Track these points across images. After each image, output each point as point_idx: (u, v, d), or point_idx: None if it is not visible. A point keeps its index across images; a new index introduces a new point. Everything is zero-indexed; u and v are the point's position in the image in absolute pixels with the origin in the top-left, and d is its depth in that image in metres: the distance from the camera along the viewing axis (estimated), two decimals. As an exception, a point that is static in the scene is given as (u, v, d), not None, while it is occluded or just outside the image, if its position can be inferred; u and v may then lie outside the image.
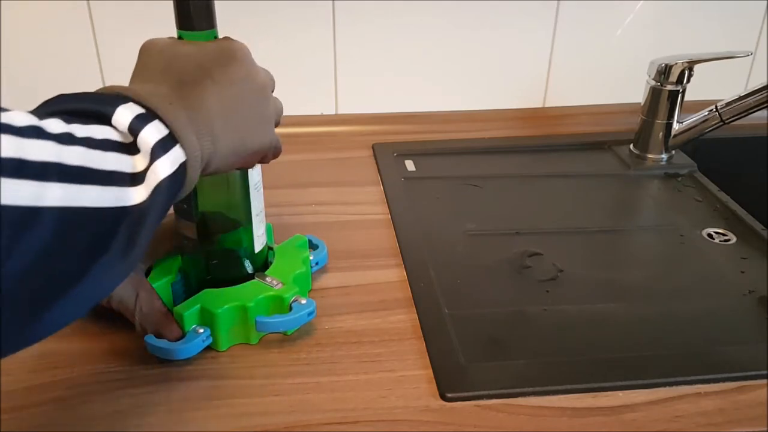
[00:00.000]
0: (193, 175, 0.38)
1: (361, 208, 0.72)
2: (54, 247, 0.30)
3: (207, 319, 0.50)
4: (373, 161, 0.82)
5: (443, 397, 0.47)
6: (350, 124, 0.88)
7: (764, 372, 0.49)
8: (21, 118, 0.30)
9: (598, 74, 0.90)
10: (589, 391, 0.48)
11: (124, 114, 0.35)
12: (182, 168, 0.37)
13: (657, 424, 0.45)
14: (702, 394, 0.48)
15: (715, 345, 0.53)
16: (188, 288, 0.53)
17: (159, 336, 0.49)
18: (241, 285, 0.52)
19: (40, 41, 0.82)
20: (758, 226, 0.69)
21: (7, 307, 0.29)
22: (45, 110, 0.35)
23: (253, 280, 0.53)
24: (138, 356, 0.50)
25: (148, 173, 0.35)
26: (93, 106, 0.35)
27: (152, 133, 0.35)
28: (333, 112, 0.89)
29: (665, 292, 0.60)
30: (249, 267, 0.53)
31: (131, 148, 0.35)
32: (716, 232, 0.68)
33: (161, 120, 0.36)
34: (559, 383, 0.48)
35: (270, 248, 0.57)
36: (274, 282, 0.53)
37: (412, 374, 0.49)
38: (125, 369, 0.49)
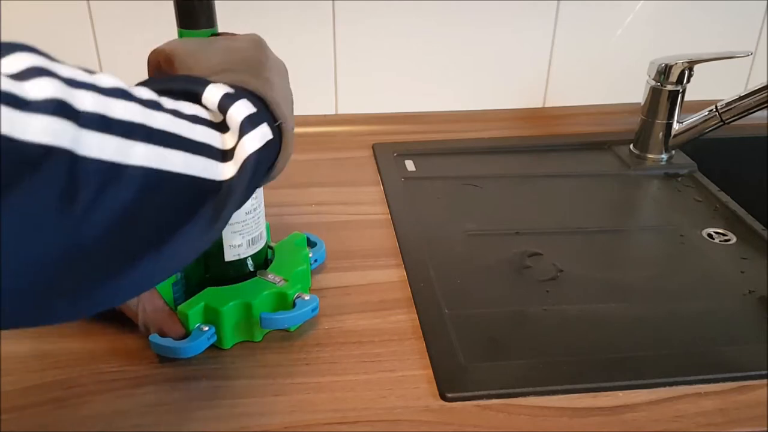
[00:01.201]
0: (289, 150, 0.38)
1: (361, 208, 0.72)
2: (138, 207, 0.29)
3: (211, 316, 0.50)
4: (373, 161, 0.82)
5: (443, 397, 0.47)
6: (350, 124, 0.88)
7: (764, 372, 0.49)
8: (108, 80, 0.30)
9: (598, 74, 0.90)
10: (589, 391, 0.48)
11: (214, 92, 0.35)
12: (270, 145, 0.37)
13: (657, 424, 0.45)
14: (702, 394, 0.48)
15: (715, 345, 0.53)
16: (188, 287, 0.53)
17: (163, 335, 0.49)
18: (244, 283, 0.52)
19: (40, 41, 0.81)
20: (758, 226, 0.69)
21: (89, 263, 0.28)
22: None
23: (254, 278, 0.53)
24: (138, 356, 0.50)
25: (237, 149, 0.35)
26: (183, 86, 0.35)
27: (240, 109, 0.35)
28: (333, 112, 0.89)
29: (665, 292, 0.60)
30: (250, 265, 0.54)
31: (221, 127, 0.35)
32: (716, 232, 0.68)
33: (249, 99, 0.36)
34: (559, 383, 0.48)
35: (269, 247, 0.57)
36: (276, 279, 0.53)
37: (412, 374, 0.49)
38: (125, 369, 0.49)
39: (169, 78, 0.36)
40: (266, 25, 0.82)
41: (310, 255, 0.58)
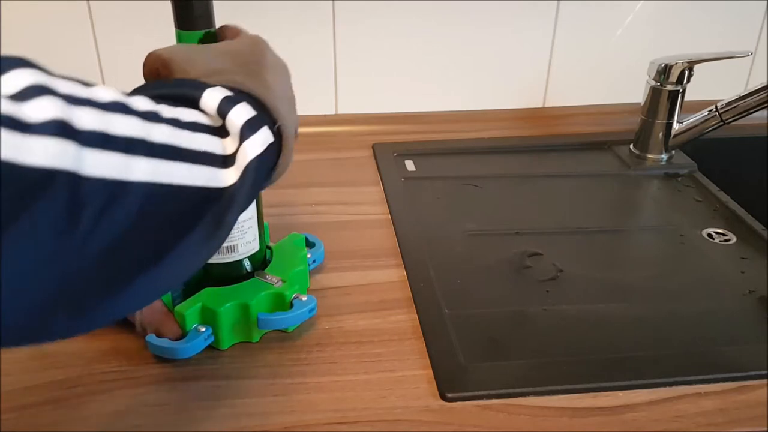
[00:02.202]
0: (290, 153, 0.38)
1: (361, 208, 0.72)
2: (140, 223, 0.29)
3: (208, 317, 0.50)
4: (373, 161, 0.82)
5: (443, 397, 0.47)
6: (350, 124, 0.88)
7: (764, 372, 0.49)
8: (106, 93, 0.30)
9: (598, 74, 0.90)
10: (589, 391, 0.48)
11: (213, 96, 0.35)
12: (271, 149, 0.36)
13: (657, 424, 0.45)
14: (702, 394, 0.48)
15: (715, 345, 0.53)
16: (187, 288, 0.53)
17: (159, 336, 0.49)
18: (241, 283, 0.52)
19: (40, 41, 0.82)
20: (758, 226, 0.69)
21: (89, 281, 0.28)
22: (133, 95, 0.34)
23: (252, 279, 0.53)
24: (138, 356, 0.50)
25: (238, 154, 0.34)
26: (180, 90, 0.35)
27: (240, 113, 0.35)
28: (333, 112, 0.89)
29: (665, 292, 0.60)
30: (248, 265, 0.53)
31: (221, 131, 0.35)
32: (716, 232, 0.68)
33: (248, 102, 0.36)
34: (559, 383, 0.48)
35: (268, 247, 0.57)
36: (274, 280, 0.53)
37: (412, 374, 0.49)
38: (125, 369, 0.49)
39: (168, 83, 0.36)
40: (266, 25, 0.82)
41: (309, 255, 0.58)
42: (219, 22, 0.47)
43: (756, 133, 0.89)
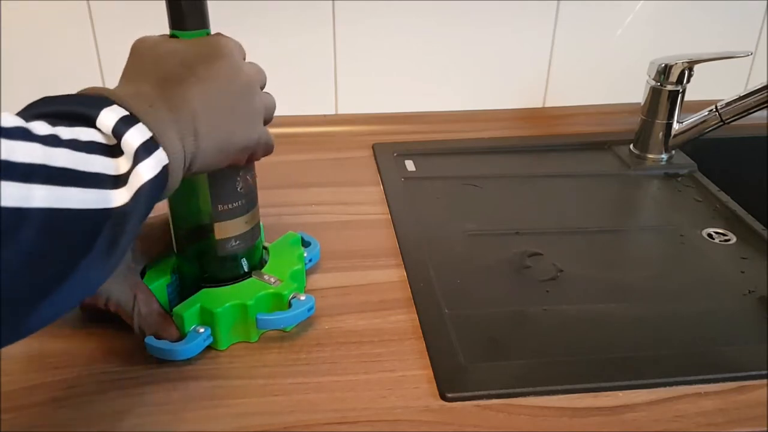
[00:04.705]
0: (176, 177, 0.38)
1: (361, 208, 0.72)
2: (41, 248, 0.30)
3: (207, 318, 0.50)
4: (373, 161, 0.82)
5: (443, 397, 0.47)
6: (350, 124, 0.88)
7: (764, 372, 0.49)
8: (8, 119, 0.31)
9: (598, 74, 0.90)
10: (589, 391, 0.48)
11: (109, 116, 0.35)
12: (165, 170, 0.37)
13: (657, 424, 0.45)
14: (702, 394, 0.48)
15: (715, 345, 0.53)
16: (182, 289, 0.53)
17: (158, 338, 0.49)
18: (239, 283, 0.52)
19: (40, 41, 0.82)
20: (758, 226, 0.68)
21: (5, 303, 0.29)
22: (31, 112, 0.35)
23: (250, 279, 0.53)
24: (138, 356, 0.50)
25: (131, 176, 0.35)
26: (78, 109, 0.35)
27: (135, 136, 0.35)
28: (333, 112, 0.89)
29: (665, 292, 0.60)
30: (245, 265, 0.53)
31: (115, 151, 0.35)
32: (716, 232, 0.68)
33: (145, 123, 0.36)
34: (559, 383, 0.48)
35: (264, 247, 0.57)
36: (272, 279, 0.53)
37: (412, 374, 0.49)
38: (125, 369, 0.49)
39: (65, 99, 0.36)
40: (266, 25, 0.82)
41: (305, 255, 0.58)
42: (220, 22, 0.47)
43: (756, 133, 0.89)
